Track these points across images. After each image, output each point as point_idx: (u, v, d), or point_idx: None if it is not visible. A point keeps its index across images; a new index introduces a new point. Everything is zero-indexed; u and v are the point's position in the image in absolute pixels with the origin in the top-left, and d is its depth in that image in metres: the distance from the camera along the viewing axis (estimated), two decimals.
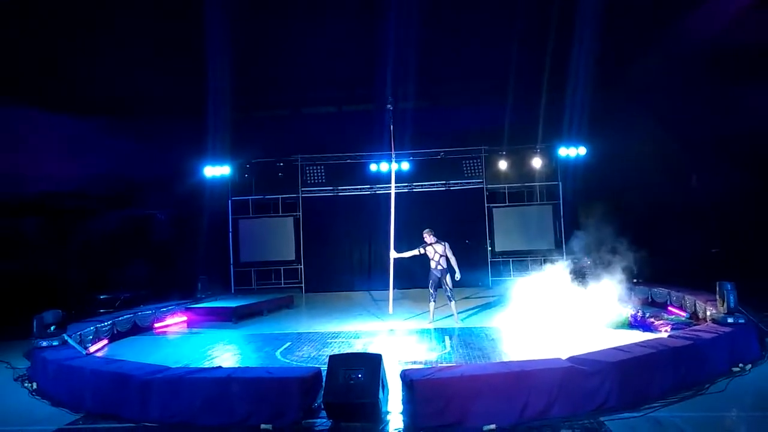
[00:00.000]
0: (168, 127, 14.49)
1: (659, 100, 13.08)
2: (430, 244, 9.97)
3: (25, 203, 13.14)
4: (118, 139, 13.79)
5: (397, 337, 9.13)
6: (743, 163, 11.29)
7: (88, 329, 8.73)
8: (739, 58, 10.62)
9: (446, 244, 9.96)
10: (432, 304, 10.16)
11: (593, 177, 15.24)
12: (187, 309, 11.63)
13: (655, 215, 13.08)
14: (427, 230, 10.15)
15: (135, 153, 13.99)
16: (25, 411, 6.02)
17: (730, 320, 6.99)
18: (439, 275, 9.92)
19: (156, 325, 10.89)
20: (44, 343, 7.37)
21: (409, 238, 15.80)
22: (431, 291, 10.06)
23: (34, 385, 6.76)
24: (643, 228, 13.03)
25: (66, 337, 7.66)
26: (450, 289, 9.94)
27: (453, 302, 10.10)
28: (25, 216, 13.48)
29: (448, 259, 9.90)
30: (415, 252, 10.14)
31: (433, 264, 9.99)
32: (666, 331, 8.14)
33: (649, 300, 10.77)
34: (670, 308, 9.99)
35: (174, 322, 11.31)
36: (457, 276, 9.92)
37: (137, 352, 8.38)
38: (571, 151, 15.55)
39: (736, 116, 11.03)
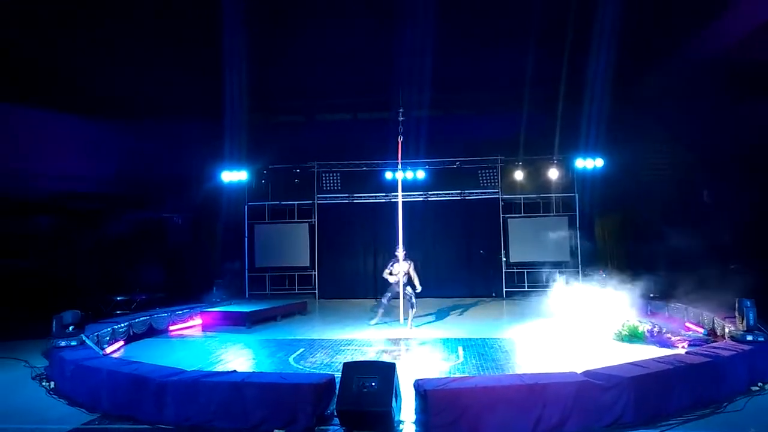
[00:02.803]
0: (186, 131, 14.68)
1: (677, 113, 12.99)
2: (399, 261, 10.73)
3: (44, 203, 13.38)
4: (136, 142, 13.99)
5: (410, 347, 9.11)
6: (761, 176, 11.16)
7: (105, 330, 8.85)
8: (755, 72, 10.54)
9: (412, 263, 10.88)
10: (381, 310, 11.17)
11: (610, 189, 15.15)
12: (202, 312, 11.73)
13: (673, 228, 12.95)
14: (400, 247, 10.89)
15: (153, 156, 14.18)
16: (43, 409, 6.10)
17: (749, 338, 6.89)
18: (397, 289, 10.75)
19: (171, 327, 10.99)
20: (63, 343, 7.49)
21: (424, 246, 15.91)
22: (383, 301, 11.10)
23: (52, 384, 6.86)
24: (660, 241, 12.93)
25: (84, 338, 7.77)
26: (411, 298, 10.69)
27: (413, 310, 10.72)
28: (44, 215, 13.72)
29: (410, 276, 10.77)
30: (389, 270, 10.94)
31: (394, 278, 10.77)
32: (683, 347, 8.04)
33: (666, 315, 10.64)
34: (687, 324, 9.85)
35: (189, 325, 11.41)
36: (418, 289, 10.81)
37: (153, 354, 8.47)
38: (588, 163, 15.46)
39: (754, 129, 10.92)
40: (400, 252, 10.83)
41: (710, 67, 11.17)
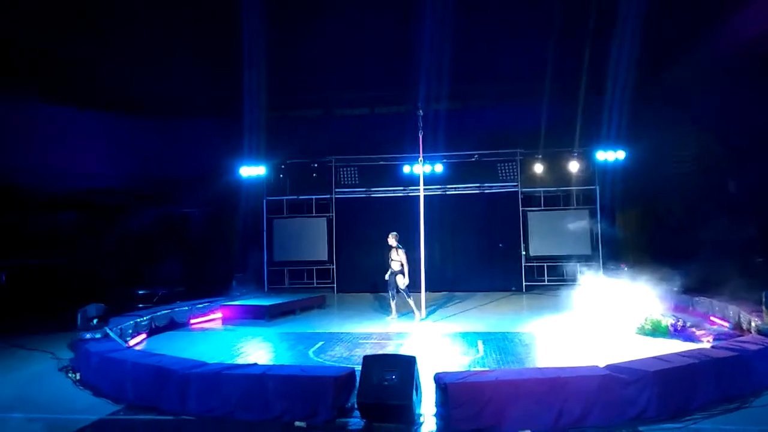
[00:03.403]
0: (205, 127, 14.85)
1: (700, 103, 12.73)
2: (393, 248, 10.94)
3: (68, 199, 13.63)
4: (157, 138, 14.19)
5: (430, 340, 9.10)
6: None
7: (128, 323, 8.99)
8: None
9: (402, 250, 10.94)
10: (393, 304, 11.16)
11: (632, 181, 14.93)
12: (223, 306, 11.84)
13: (696, 221, 12.72)
14: (393, 234, 11.05)
15: (173, 152, 14.37)
16: (70, 400, 6.24)
17: None
18: (394, 278, 10.96)
19: (192, 321, 11.12)
20: (87, 335, 7.64)
21: (443, 240, 15.87)
22: (391, 293, 11.13)
23: (78, 376, 7.00)
24: (682, 234, 12.71)
25: (108, 330, 7.92)
26: (402, 289, 10.88)
27: (410, 299, 10.90)
28: (68, 211, 13.99)
29: (403, 266, 10.86)
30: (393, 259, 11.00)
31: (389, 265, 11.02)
32: (708, 341, 7.89)
33: (690, 309, 10.47)
34: (711, 318, 9.68)
35: (209, 319, 11.54)
36: (406, 281, 10.80)
37: (175, 347, 8.58)
38: (609, 155, 15.20)
39: None
40: (392, 239, 10.95)
41: (738, 54, 10.91)
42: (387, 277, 11.12)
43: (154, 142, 14.29)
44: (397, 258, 10.90)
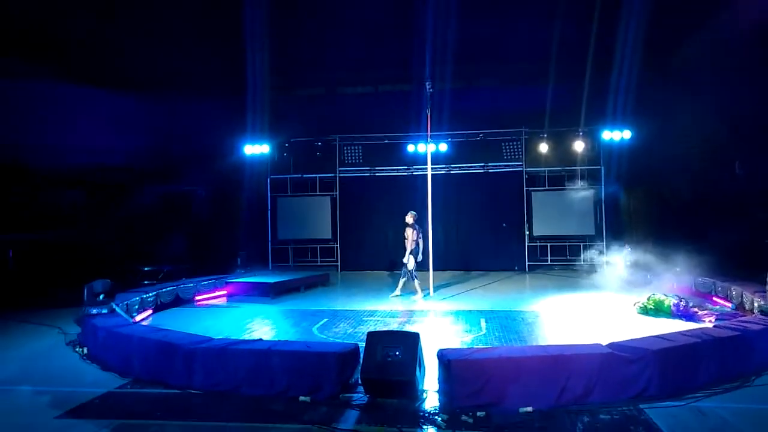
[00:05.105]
0: (210, 105, 14.74)
1: (708, 83, 12.56)
2: (409, 226, 10.83)
3: (73, 176, 13.64)
4: (161, 116, 14.13)
5: (433, 317, 9.16)
6: None
7: (134, 299, 9.07)
8: None
9: (413, 229, 10.80)
10: (402, 280, 11.16)
11: (637, 162, 14.84)
12: (228, 283, 11.93)
13: (702, 202, 12.67)
14: (411, 213, 10.92)
15: (177, 130, 14.31)
16: (77, 373, 6.33)
17: None
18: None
19: (197, 297, 11.21)
20: (94, 311, 7.72)
21: (447, 220, 15.88)
22: (402, 269, 11.05)
23: (85, 350, 7.09)
24: (688, 215, 12.67)
25: (114, 306, 7.99)
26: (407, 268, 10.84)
27: (413, 281, 10.91)
28: (73, 188, 14.01)
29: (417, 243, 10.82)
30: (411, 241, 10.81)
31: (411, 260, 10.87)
32: (710, 321, 7.92)
33: (693, 289, 10.49)
34: (714, 299, 9.71)
35: (214, 296, 11.63)
36: (406, 260, 10.77)
37: (180, 323, 8.65)
38: (615, 135, 15.12)
39: None
40: (411, 217, 10.85)
41: (745, 34, 10.74)
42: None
43: (158, 119, 14.21)
44: (411, 236, 10.82)
